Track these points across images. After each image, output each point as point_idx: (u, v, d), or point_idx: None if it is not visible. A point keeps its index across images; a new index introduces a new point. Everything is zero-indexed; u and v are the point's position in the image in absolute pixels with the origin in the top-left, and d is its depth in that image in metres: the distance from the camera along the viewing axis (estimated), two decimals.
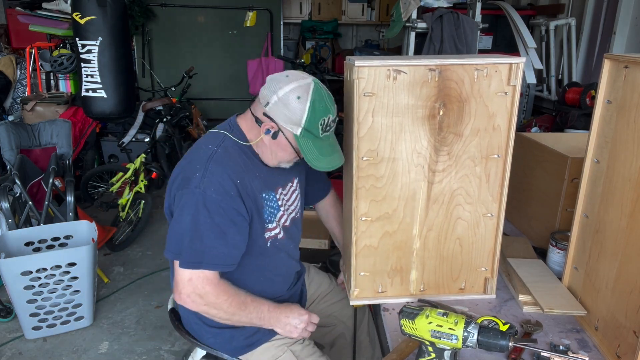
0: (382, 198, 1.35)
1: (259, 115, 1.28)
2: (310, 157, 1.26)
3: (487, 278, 1.46)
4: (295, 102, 1.21)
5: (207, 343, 1.42)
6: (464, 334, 1.04)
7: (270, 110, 1.24)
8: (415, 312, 1.10)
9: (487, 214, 1.39)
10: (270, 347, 1.39)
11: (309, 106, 1.22)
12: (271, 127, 1.26)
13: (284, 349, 1.39)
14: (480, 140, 1.31)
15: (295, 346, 1.41)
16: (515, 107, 1.28)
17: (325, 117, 1.24)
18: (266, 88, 1.26)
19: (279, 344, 1.40)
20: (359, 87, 1.25)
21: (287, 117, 1.23)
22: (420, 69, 1.24)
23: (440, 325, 1.06)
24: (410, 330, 1.10)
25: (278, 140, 1.28)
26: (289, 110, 1.22)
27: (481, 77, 1.26)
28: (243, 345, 1.39)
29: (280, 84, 1.23)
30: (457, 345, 1.05)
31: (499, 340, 1.02)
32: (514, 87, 1.26)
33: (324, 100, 1.24)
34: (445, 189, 1.36)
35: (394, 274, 1.45)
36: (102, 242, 3.34)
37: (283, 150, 1.30)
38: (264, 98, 1.26)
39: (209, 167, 1.24)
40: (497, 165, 1.34)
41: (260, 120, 1.28)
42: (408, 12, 3.45)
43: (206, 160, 1.25)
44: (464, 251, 1.43)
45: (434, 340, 1.07)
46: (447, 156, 1.32)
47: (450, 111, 1.28)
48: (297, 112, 1.22)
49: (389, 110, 1.28)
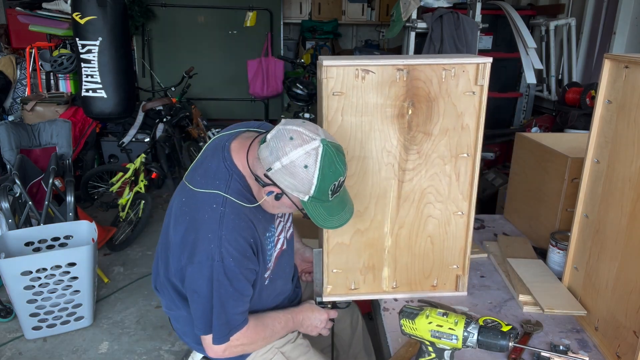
0: (353, 196, 1.35)
1: (260, 174, 1.17)
2: (318, 219, 1.17)
3: (459, 275, 1.47)
4: (302, 172, 1.09)
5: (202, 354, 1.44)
6: (464, 334, 1.04)
7: (273, 176, 1.13)
8: (416, 312, 1.10)
9: (457, 212, 1.40)
10: (260, 352, 1.39)
11: (317, 175, 1.09)
12: (274, 190, 1.16)
13: (274, 352, 1.39)
14: (449, 139, 1.33)
15: (286, 347, 1.41)
16: (483, 107, 1.29)
17: (335, 181, 1.12)
18: (267, 149, 1.12)
19: (269, 347, 1.40)
20: (328, 87, 1.26)
21: (293, 186, 1.12)
22: (388, 69, 1.25)
23: (440, 325, 1.06)
24: (411, 330, 1.10)
25: (282, 201, 1.19)
26: (296, 179, 1.11)
27: (449, 76, 1.27)
28: None
29: (284, 149, 1.09)
30: (457, 345, 1.05)
31: (498, 341, 1.02)
32: (482, 87, 1.28)
33: (334, 164, 1.10)
34: (416, 187, 1.37)
35: (366, 271, 1.46)
36: (102, 242, 3.34)
37: (287, 208, 1.23)
38: (265, 161, 1.13)
39: (223, 235, 1.16)
40: (467, 164, 1.35)
41: (262, 180, 1.17)
42: (408, 12, 3.45)
43: (217, 228, 1.16)
44: (435, 249, 1.44)
45: (434, 340, 1.07)
46: (417, 155, 1.34)
47: (419, 110, 1.29)
48: (304, 183, 1.10)
49: (358, 109, 1.29)
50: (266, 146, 1.13)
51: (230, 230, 1.17)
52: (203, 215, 1.18)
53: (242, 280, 1.20)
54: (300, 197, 1.14)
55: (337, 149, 1.13)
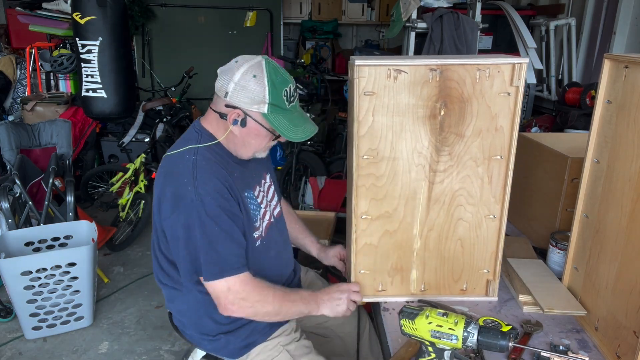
0: (383, 197, 1.35)
1: (221, 109, 1.26)
2: (285, 130, 1.24)
3: (489, 280, 1.46)
4: (252, 81, 1.20)
5: (204, 349, 1.44)
6: (464, 334, 1.04)
7: (231, 99, 1.23)
8: (415, 312, 1.10)
9: (489, 215, 1.38)
10: (266, 348, 1.39)
11: (267, 81, 1.21)
12: (237, 115, 1.24)
13: (279, 349, 1.39)
14: (482, 140, 1.31)
15: (290, 345, 1.41)
16: (519, 108, 1.27)
17: (286, 87, 1.24)
18: (220, 79, 1.24)
19: (274, 344, 1.40)
20: (360, 86, 1.25)
21: (250, 99, 1.22)
22: (421, 69, 1.24)
23: (440, 325, 1.06)
24: (410, 330, 1.10)
25: (248, 127, 1.26)
26: (250, 91, 1.21)
27: (483, 77, 1.25)
28: (239, 347, 1.39)
29: (232, 70, 1.22)
30: (457, 345, 1.05)
31: (498, 341, 1.02)
32: (517, 88, 1.26)
33: (279, 72, 1.24)
34: (447, 189, 1.36)
35: (394, 273, 1.45)
36: (102, 242, 3.34)
37: (256, 136, 1.28)
38: (221, 90, 1.24)
39: (198, 177, 1.22)
40: (500, 166, 1.33)
41: (224, 113, 1.26)
42: (408, 12, 3.45)
43: (191, 171, 1.23)
44: (465, 252, 1.43)
45: (434, 340, 1.07)
46: (449, 156, 1.32)
47: (451, 111, 1.28)
48: (258, 90, 1.21)
49: (389, 109, 1.28)
50: (218, 79, 1.25)
51: (204, 172, 1.23)
52: (177, 169, 1.25)
53: (227, 220, 1.23)
54: (260, 109, 1.22)
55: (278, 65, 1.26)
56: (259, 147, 1.32)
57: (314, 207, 3.42)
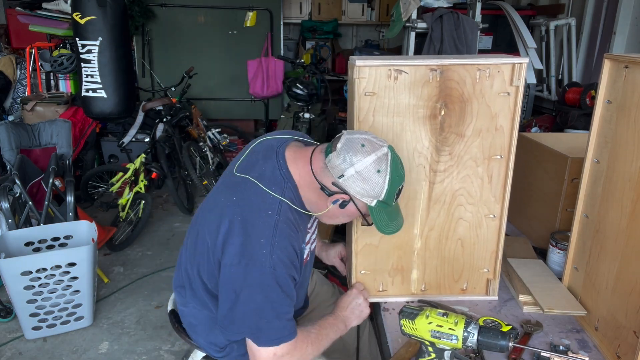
0: None
1: (328, 184, 1.18)
2: (381, 225, 1.20)
3: (489, 279, 1.46)
4: (375, 176, 1.13)
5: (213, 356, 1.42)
6: (464, 334, 1.04)
7: (344, 183, 1.15)
8: (415, 313, 1.10)
9: (489, 215, 1.39)
10: None
11: (388, 179, 1.14)
12: (342, 198, 1.18)
13: None
14: (482, 140, 1.31)
15: None
16: (519, 108, 1.28)
17: (400, 185, 1.18)
18: (340, 157, 1.14)
19: None
20: (360, 87, 1.25)
21: (364, 191, 1.15)
22: (422, 69, 1.24)
23: (440, 325, 1.06)
24: (410, 330, 1.10)
25: (346, 209, 1.20)
26: (368, 185, 1.14)
27: (483, 77, 1.25)
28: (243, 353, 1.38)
29: (357, 156, 1.13)
30: (457, 345, 1.05)
31: (499, 341, 1.02)
32: (517, 88, 1.26)
33: (399, 168, 1.17)
34: (447, 189, 1.36)
35: (394, 273, 1.45)
36: (102, 242, 3.34)
37: (347, 217, 1.25)
38: (336, 169, 1.15)
39: (276, 243, 1.16)
40: (500, 166, 1.34)
41: (329, 189, 1.18)
42: (408, 12, 3.45)
43: (271, 234, 1.16)
44: (465, 252, 1.43)
45: (434, 340, 1.07)
46: (449, 156, 1.32)
47: (451, 111, 1.28)
48: (376, 187, 1.14)
49: (389, 109, 1.28)
50: (337, 155, 1.15)
51: (283, 238, 1.17)
52: (257, 220, 1.18)
53: (291, 286, 1.20)
54: (368, 202, 1.16)
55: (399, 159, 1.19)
56: (343, 222, 1.30)
57: None
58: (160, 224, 3.90)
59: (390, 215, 1.21)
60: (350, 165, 1.13)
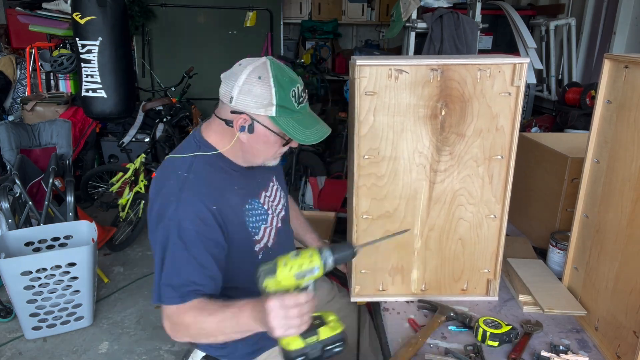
0: (383, 197, 1.35)
1: (227, 115, 1.20)
2: (295, 133, 1.17)
3: (490, 280, 1.46)
4: (258, 83, 1.14)
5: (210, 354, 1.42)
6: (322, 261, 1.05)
7: (236, 104, 1.16)
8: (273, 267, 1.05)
9: (489, 215, 1.39)
10: (273, 353, 1.38)
11: (273, 82, 1.14)
12: (244, 121, 1.18)
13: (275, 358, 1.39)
14: (483, 140, 1.31)
15: None
16: (519, 108, 1.28)
17: (294, 87, 1.17)
18: (224, 85, 1.19)
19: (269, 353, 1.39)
20: (360, 86, 1.26)
21: (256, 103, 1.15)
22: (422, 69, 1.25)
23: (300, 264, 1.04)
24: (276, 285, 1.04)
25: (256, 133, 1.19)
26: (255, 94, 1.14)
27: (484, 77, 1.25)
28: (247, 352, 1.38)
29: (236, 74, 1.17)
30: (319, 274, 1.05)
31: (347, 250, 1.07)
32: (518, 88, 1.26)
33: (285, 72, 1.18)
34: (447, 189, 1.36)
35: (394, 273, 1.45)
36: (102, 242, 3.34)
37: (265, 142, 1.21)
38: (225, 95, 1.18)
39: (182, 197, 1.16)
40: (501, 166, 1.34)
41: (230, 120, 1.19)
42: (408, 12, 3.45)
43: (178, 190, 1.17)
44: (466, 252, 1.43)
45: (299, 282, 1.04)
46: (449, 156, 1.32)
47: (452, 111, 1.28)
48: (264, 92, 1.14)
49: (390, 109, 1.28)
50: (222, 85, 1.20)
51: (191, 193, 1.17)
52: (168, 182, 1.20)
53: (200, 247, 1.16)
54: (268, 112, 1.16)
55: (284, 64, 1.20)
56: (269, 154, 1.26)
57: (314, 207, 3.43)
58: None
59: (303, 122, 1.19)
60: (234, 84, 1.16)
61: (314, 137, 1.20)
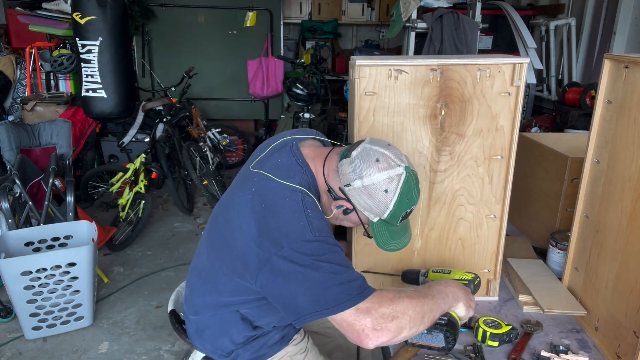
0: None
1: (335, 188, 1.17)
2: (380, 241, 1.17)
3: (490, 280, 1.46)
4: (381, 195, 1.10)
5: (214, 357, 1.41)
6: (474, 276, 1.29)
7: (350, 192, 1.13)
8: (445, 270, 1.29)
9: (489, 215, 1.39)
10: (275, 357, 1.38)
11: (395, 201, 1.10)
12: (346, 206, 1.17)
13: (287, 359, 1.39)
14: (483, 140, 1.31)
15: (298, 356, 1.40)
16: (519, 108, 1.28)
17: (408, 209, 1.14)
18: (351, 166, 1.11)
19: (282, 355, 1.39)
20: (360, 86, 1.26)
21: (368, 206, 1.13)
22: (422, 69, 1.24)
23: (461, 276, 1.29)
24: None
25: (349, 216, 1.19)
26: (373, 201, 1.12)
27: (484, 77, 1.25)
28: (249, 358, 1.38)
29: (369, 169, 1.10)
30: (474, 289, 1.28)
31: None
32: (518, 88, 1.26)
33: (412, 192, 1.12)
34: (447, 189, 1.36)
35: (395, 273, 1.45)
36: (102, 242, 3.34)
37: (350, 223, 1.23)
38: (345, 176, 1.13)
39: (310, 214, 1.11)
40: (501, 166, 1.34)
41: (335, 194, 1.17)
42: (408, 12, 3.45)
43: (302, 208, 1.11)
44: (466, 252, 1.43)
45: None
46: (449, 156, 1.32)
47: (452, 111, 1.28)
48: (380, 206, 1.12)
49: (390, 109, 1.28)
50: (349, 162, 1.12)
51: (314, 210, 1.13)
52: (283, 200, 1.12)
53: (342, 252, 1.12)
54: (371, 217, 1.15)
55: (416, 177, 1.14)
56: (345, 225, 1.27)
57: None
58: (160, 224, 3.90)
59: (393, 234, 1.18)
60: (359, 177, 1.10)
61: (392, 248, 1.19)
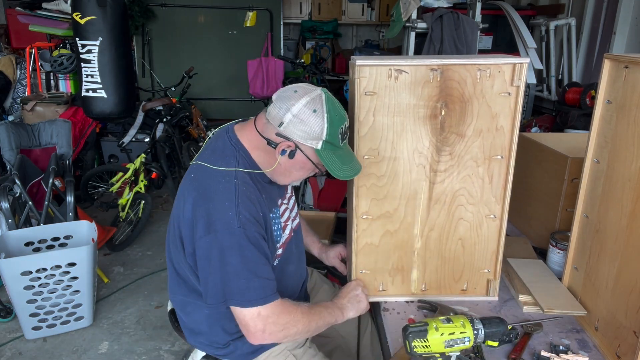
0: (383, 197, 1.35)
1: (271, 136, 1.21)
2: (334, 168, 1.20)
3: (490, 280, 1.46)
4: (312, 116, 1.16)
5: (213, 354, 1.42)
6: (474, 332, 1.04)
7: (285, 130, 1.18)
8: (423, 329, 1.06)
9: (489, 215, 1.39)
10: (273, 353, 1.39)
11: (326, 117, 1.17)
12: (288, 147, 1.20)
13: (286, 354, 1.39)
14: (483, 140, 1.31)
15: (296, 350, 1.41)
16: (519, 108, 1.28)
17: (342, 125, 1.20)
18: (276, 107, 1.19)
19: (281, 349, 1.39)
20: (360, 87, 1.26)
21: (305, 134, 1.18)
22: (422, 69, 1.25)
23: (452, 332, 1.05)
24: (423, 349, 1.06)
25: (295, 159, 1.22)
26: (307, 125, 1.17)
27: (484, 77, 1.25)
28: (247, 352, 1.38)
29: (291, 100, 1.17)
30: (469, 345, 1.04)
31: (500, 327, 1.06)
32: (518, 88, 1.26)
33: (337, 108, 1.20)
34: (447, 189, 1.36)
35: (395, 273, 1.45)
36: (102, 242, 3.34)
37: (300, 169, 1.26)
38: (275, 118, 1.19)
39: (240, 203, 1.18)
40: (500, 166, 1.34)
41: (274, 141, 1.21)
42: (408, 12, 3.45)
43: (234, 196, 1.18)
44: (466, 252, 1.43)
45: (447, 350, 1.05)
46: (449, 156, 1.32)
47: (452, 111, 1.28)
48: (315, 126, 1.17)
49: (390, 109, 1.28)
50: (273, 106, 1.20)
51: (245, 199, 1.19)
52: (217, 186, 1.20)
53: (264, 245, 1.21)
54: (314, 145, 1.19)
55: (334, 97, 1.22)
56: (299, 177, 1.30)
57: (314, 207, 3.43)
58: (160, 224, 3.90)
59: (343, 158, 1.22)
60: (287, 110, 1.17)
61: (349, 174, 1.23)
